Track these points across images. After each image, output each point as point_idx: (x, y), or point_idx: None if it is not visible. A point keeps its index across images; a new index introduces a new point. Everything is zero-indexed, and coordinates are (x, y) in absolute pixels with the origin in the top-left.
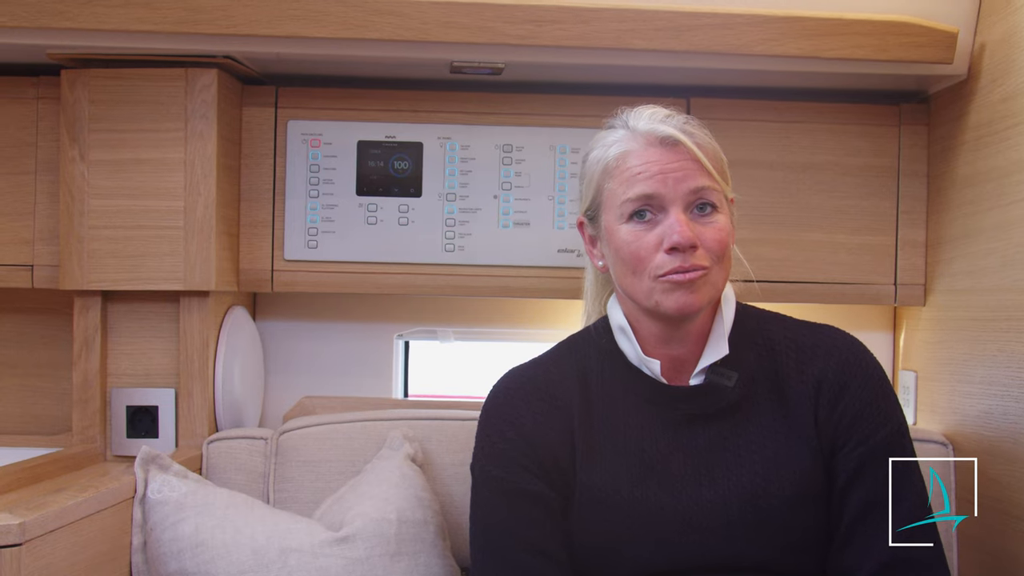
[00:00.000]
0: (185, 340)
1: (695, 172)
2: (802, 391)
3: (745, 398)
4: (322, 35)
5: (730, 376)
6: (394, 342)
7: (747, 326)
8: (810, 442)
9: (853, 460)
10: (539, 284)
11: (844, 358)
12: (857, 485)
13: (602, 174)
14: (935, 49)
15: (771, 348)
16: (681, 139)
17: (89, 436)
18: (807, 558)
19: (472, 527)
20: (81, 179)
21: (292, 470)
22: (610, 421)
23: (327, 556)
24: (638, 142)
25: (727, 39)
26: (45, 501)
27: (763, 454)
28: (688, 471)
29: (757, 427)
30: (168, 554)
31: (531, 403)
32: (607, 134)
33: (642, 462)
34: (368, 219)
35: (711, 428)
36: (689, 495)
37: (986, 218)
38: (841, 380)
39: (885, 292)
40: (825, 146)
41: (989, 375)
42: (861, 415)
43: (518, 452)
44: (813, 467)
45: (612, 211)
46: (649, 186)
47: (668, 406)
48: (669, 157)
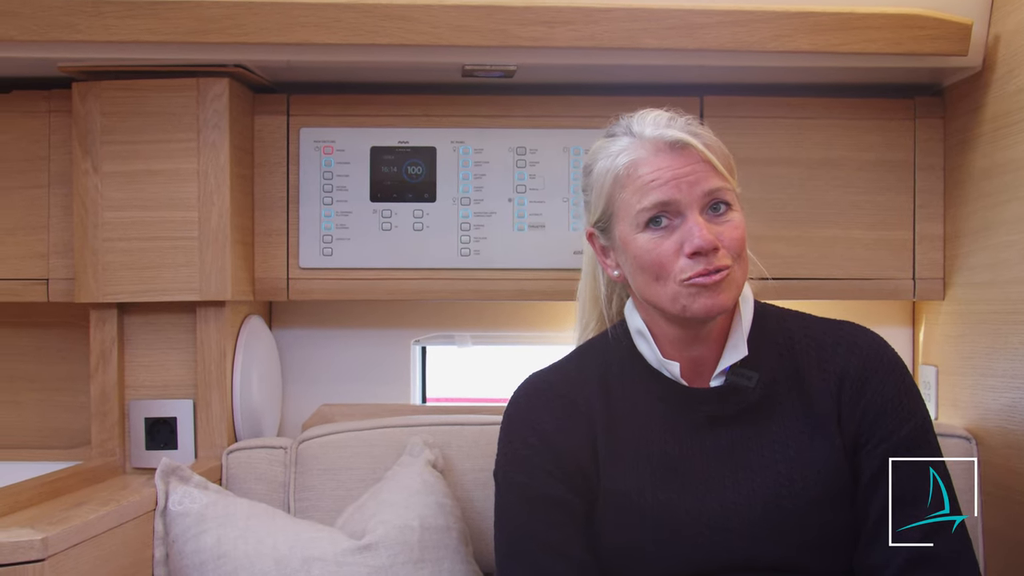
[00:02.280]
0: (202, 350)
1: (707, 174)
2: (824, 389)
3: (766, 398)
4: (332, 41)
5: (750, 376)
6: (411, 348)
7: (766, 325)
8: (833, 440)
9: (877, 457)
10: (555, 286)
11: (865, 354)
12: (882, 482)
13: (612, 185)
14: (949, 41)
15: (791, 347)
16: (690, 141)
17: (108, 449)
18: (833, 556)
19: (497, 534)
20: (95, 191)
21: (312, 479)
22: (632, 425)
23: (350, 565)
24: (646, 149)
25: (739, 36)
26: (66, 516)
27: (786, 454)
28: (711, 473)
29: (779, 427)
30: (191, 566)
31: (553, 408)
32: (610, 143)
33: (665, 465)
34: (383, 225)
35: (733, 429)
36: (713, 497)
37: (1005, 210)
38: (863, 376)
39: (904, 287)
40: (840, 142)
41: (1011, 368)
42: (884, 411)
43: (541, 458)
44: (837, 465)
45: (626, 221)
46: (664, 193)
47: (689, 408)
48: (680, 162)
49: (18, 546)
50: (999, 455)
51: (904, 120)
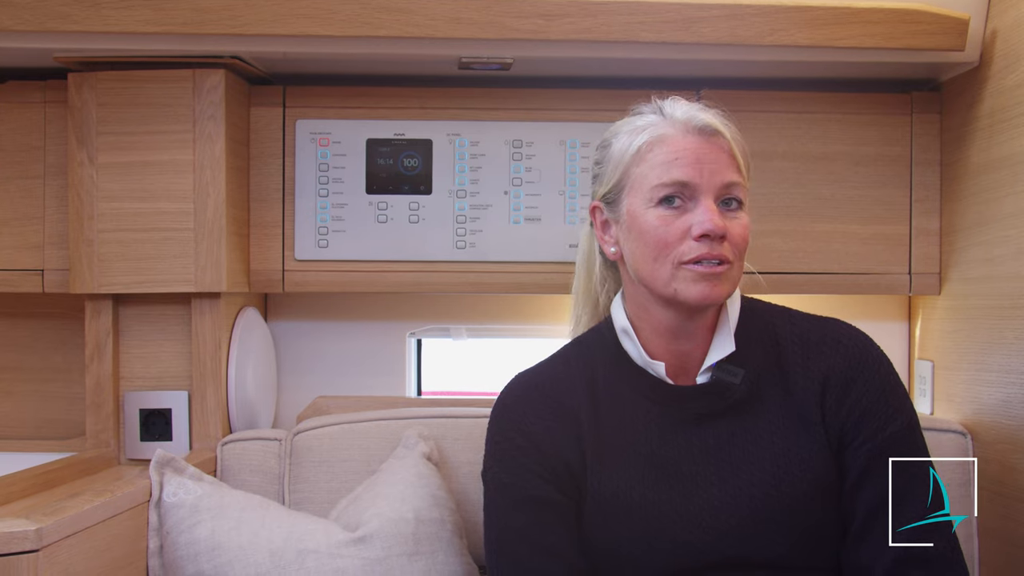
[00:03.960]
0: (197, 342)
1: (729, 166)
2: (808, 387)
3: (752, 394)
4: (329, 33)
5: (736, 373)
6: (407, 340)
7: (752, 321)
8: (819, 437)
9: (862, 456)
10: (551, 279)
11: (850, 353)
12: (868, 481)
13: (632, 158)
14: (946, 36)
15: (776, 343)
16: (720, 129)
17: (103, 440)
18: (820, 552)
19: (486, 534)
20: (90, 182)
21: (307, 471)
22: (619, 424)
23: (344, 557)
24: (676, 128)
25: (736, 30)
26: (61, 506)
27: (772, 450)
28: (699, 470)
29: (766, 423)
30: (185, 557)
31: (539, 409)
32: (636, 119)
33: (652, 464)
34: (378, 217)
35: (720, 426)
36: (701, 494)
37: (1002, 205)
38: (848, 376)
39: (900, 281)
40: (837, 136)
41: (1007, 363)
42: (869, 411)
43: (528, 458)
44: (823, 462)
45: (639, 195)
46: (685, 173)
47: (676, 406)
48: (707, 147)
49: (12, 537)
50: (994, 450)
51: (901, 115)
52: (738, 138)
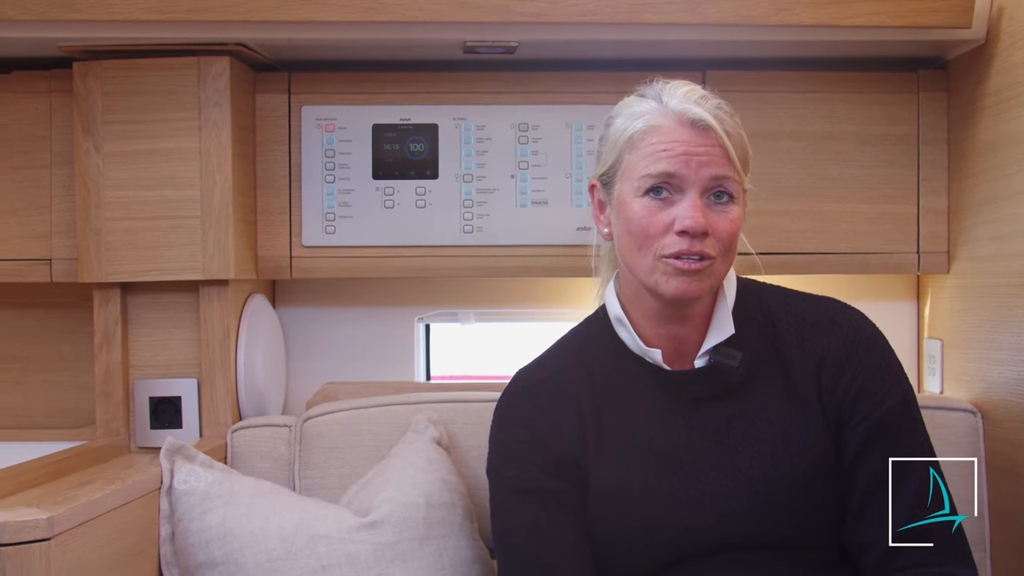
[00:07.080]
0: (206, 329)
1: (719, 159)
2: (804, 368)
3: (750, 377)
4: (333, 19)
5: (734, 356)
6: (415, 325)
7: (748, 303)
8: (817, 417)
9: (860, 434)
10: (558, 263)
11: (845, 332)
12: (866, 459)
13: (626, 144)
14: (952, 13)
15: (772, 324)
16: (712, 124)
17: (113, 428)
18: (823, 532)
19: (494, 528)
20: (96, 171)
21: (317, 456)
22: (618, 412)
23: (356, 542)
24: (668, 119)
25: (741, 10)
26: (72, 495)
27: (771, 432)
28: (699, 455)
29: (764, 405)
30: (196, 544)
31: (541, 403)
32: (637, 102)
33: (652, 450)
34: (385, 203)
35: (718, 409)
36: (701, 479)
37: (1010, 183)
38: (843, 355)
39: (908, 261)
40: (843, 116)
41: (1017, 341)
42: (865, 389)
43: (532, 452)
44: (822, 442)
45: (629, 182)
46: (671, 165)
47: (674, 391)
48: (697, 140)
49: (24, 525)
50: (1004, 428)
51: (908, 93)
52: (734, 131)
